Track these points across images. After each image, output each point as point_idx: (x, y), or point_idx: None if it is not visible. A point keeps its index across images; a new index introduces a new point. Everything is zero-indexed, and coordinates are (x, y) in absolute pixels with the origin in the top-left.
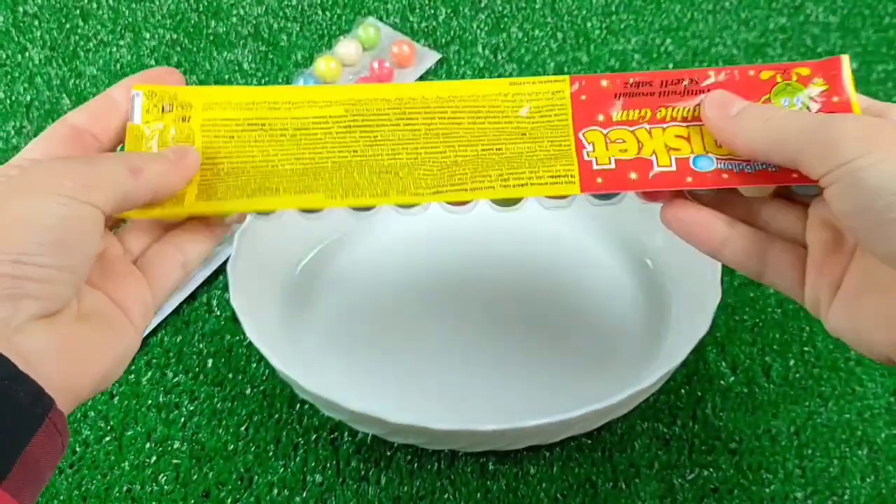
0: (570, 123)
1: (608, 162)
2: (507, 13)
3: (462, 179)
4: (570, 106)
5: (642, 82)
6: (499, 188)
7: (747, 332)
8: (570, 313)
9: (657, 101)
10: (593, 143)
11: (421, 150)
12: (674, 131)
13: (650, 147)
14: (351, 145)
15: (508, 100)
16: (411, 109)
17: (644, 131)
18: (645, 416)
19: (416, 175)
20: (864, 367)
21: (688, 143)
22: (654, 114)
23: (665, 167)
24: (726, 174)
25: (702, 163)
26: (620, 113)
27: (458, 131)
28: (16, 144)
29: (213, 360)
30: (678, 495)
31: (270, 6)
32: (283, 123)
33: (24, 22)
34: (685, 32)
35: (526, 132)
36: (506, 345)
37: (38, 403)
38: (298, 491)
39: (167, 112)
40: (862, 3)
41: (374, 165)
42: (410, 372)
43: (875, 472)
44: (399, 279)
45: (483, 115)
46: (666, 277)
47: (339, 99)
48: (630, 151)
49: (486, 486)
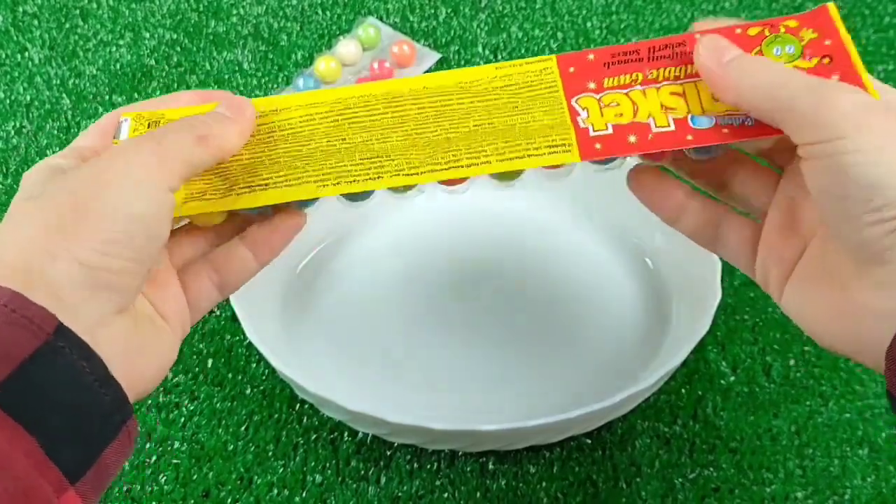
0: (562, 92)
1: (605, 127)
2: (507, 13)
3: (457, 156)
4: (559, 78)
5: (629, 51)
6: (496, 162)
7: (747, 331)
8: (571, 313)
9: (647, 65)
10: (587, 109)
11: (412, 131)
12: (669, 89)
13: (646, 109)
14: (339, 135)
15: (497, 82)
16: (399, 100)
17: (638, 92)
18: (645, 415)
19: (409, 155)
20: (864, 366)
21: (684, 100)
22: (645, 76)
23: (663, 127)
24: (726, 129)
25: (700, 121)
26: (611, 79)
27: (447, 111)
28: (16, 144)
29: (213, 360)
30: (679, 495)
31: (270, 6)
32: (269, 127)
33: (23, 22)
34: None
35: (518, 104)
36: (506, 345)
37: (120, 411)
38: (298, 491)
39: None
40: (862, 3)
41: (365, 150)
42: (410, 372)
43: (876, 472)
44: (399, 279)
45: (472, 96)
46: (666, 277)
47: (326, 100)
48: (626, 115)
49: (486, 486)
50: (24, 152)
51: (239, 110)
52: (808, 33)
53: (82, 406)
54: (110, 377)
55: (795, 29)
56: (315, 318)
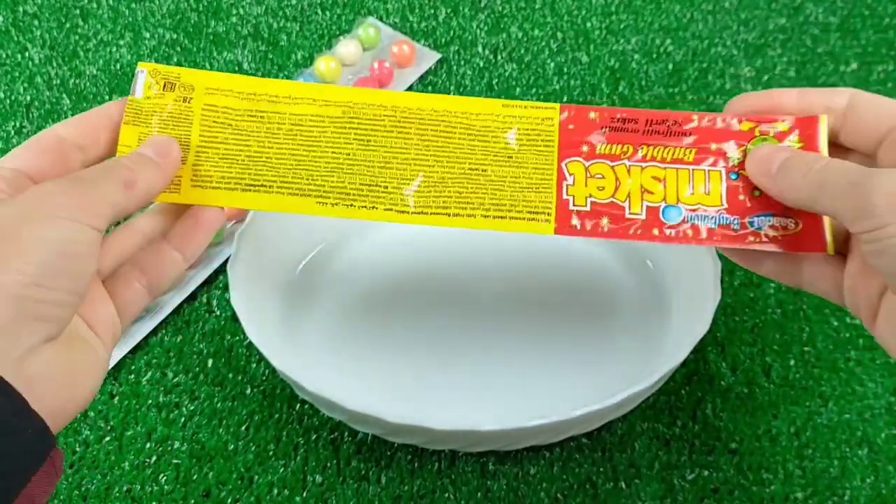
0: (556, 151)
1: (584, 203)
2: (507, 13)
3: (446, 203)
4: (557, 133)
5: (628, 119)
6: (479, 218)
7: (747, 332)
8: (571, 313)
9: (640, 138)
10: (574, 176)
11: (412, 161)
12: (651, 172)
13: (626, 188)
14: (345, 147)
15: (499, 121)
16: (406, 118)
17: (624, 168)
18: (645, 416)
19: (404, 192)
20: (864, 367)
21: (662, 186)
22: (635, 151)
23: (636, 214)
24: (691, 229)
25: (671, 214)
26: (604, 146)
27: (448, 146)
28: (16, 144)
29: (213, 360)
30: (678, 495)
31: (270, 6)
32: (280, 118)
33: (23, 22)
34: (685, 32)
35: (513, 155)
36: (506, 345)
37: (42, 441)
38: (298, 491)
39: (168, 91)
40: (862, 4)
41: (366, 174)
42: (411, 372)
43: (875, 473)
44: (399, 280)
45: (473, 133)
46: (666, 277)
47: (338, 100)
48: (607, 190)
49: (487, 486)
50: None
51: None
52: (795, 142)
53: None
54: (28, 409)
55: (784, 133)
56: (315, 318)
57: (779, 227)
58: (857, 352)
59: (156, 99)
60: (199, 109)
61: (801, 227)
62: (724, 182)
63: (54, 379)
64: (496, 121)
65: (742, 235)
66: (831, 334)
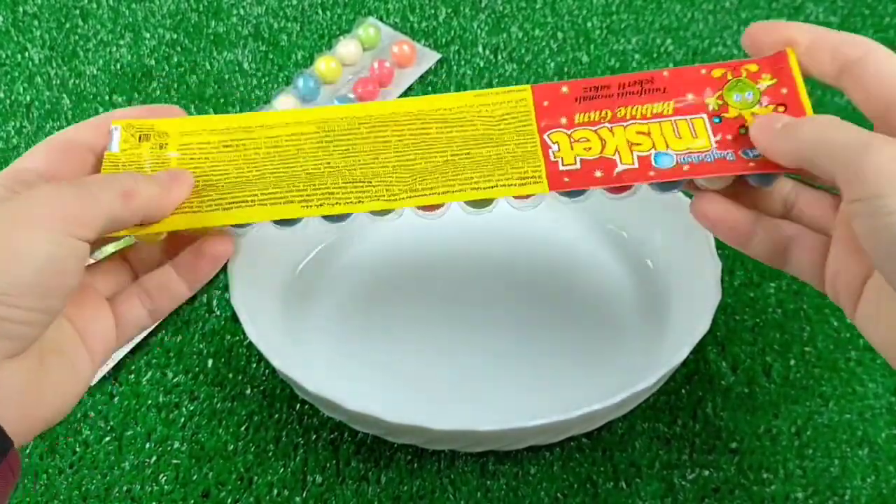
0: (535, 126)
1: (573, 161)
2: (507, 13)
3: (433, 185)
4: (533, 111)
5: (600, 86)
6: (469, 191)
7: (747, 332)
8: (570, 313)
9: (616, 101)
10: (558, 144)
11: (392, 158)
12: (635, 128)
13: (613, 144)
14: (324, 158)
15: (474, 110)
16: (381, 123)
17: (606, 130)
18: (645, 416)
19: (389, 182)
20: (864, 367)
21: (649, 138)
22: (614, 114)
23: (628, 165)
24: (687, 167)
25: (662, 160)
26: (582, 115)
27: (427, 140)
28: (16, 144)
29: (213, 360)
30: (679, 495)
31: (270, 6)
32: (256, 143)
33: (23, 22)
34: (685, 32)
35: (493, 136)
36: (506, 345)
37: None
38: (298, 491)
39: (144, 141)
40: (862, 3)
41: (348, 175)
42: (410, 372)
43: (876, 472)
44: (399, 280)
45: (450, 125)
46: (666, 277)
47: (312, 119)
48: (594, 150)
49: (486, 486)
50: (25, 152)
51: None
52: (767, 79)
53: None
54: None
55: (755, 74)
56: (315, 318)
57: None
58: (858, 352)
59: (131, 150)
60: (175, 150)
61: None
62: (709, 127)
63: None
64: (471, 110)
65: (741, 163)
66: (831, 334)
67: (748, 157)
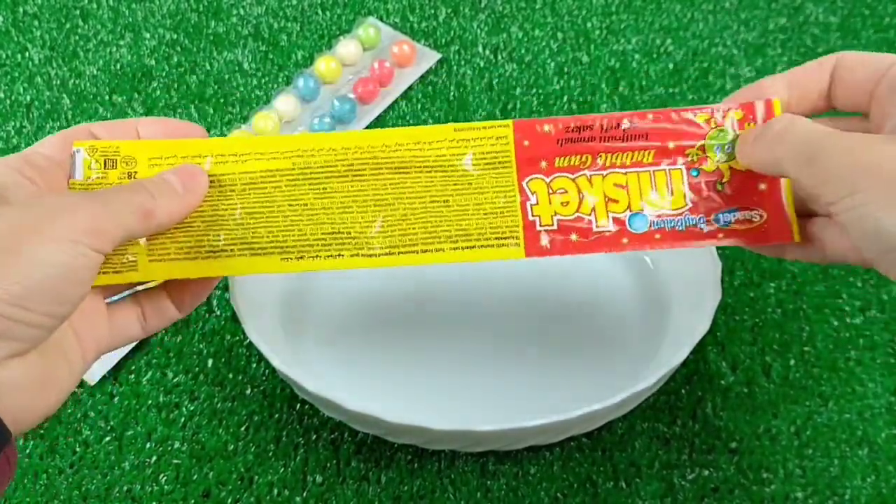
0: (514, 171)
1: (551, 222)
2: (507, 13)
3: (413, 240)
4: (513, 152)
5: (583, 126)
6: (448, 251)
7: (747, 332)
8: (570, 313)
9: (597, 146)
10: (537, 195)
11: (371, 202)
12: (613, 179)
13: (589, 203)
14: (300, 198)
15: (454, 147)
16: (358, 160)
17: (585, 179)
18: (645, 416)
19: (368, 235)
20: (864, 366)
21: (626, 193)
22: (594, 160)
23: (603, 227)
24: (658, 234)
25: (637, 223)
26: (562, 159)
27: (406, 181)
28: (16, 144)
29: (213, 360)
30: (678, 495)
31: (270, 6)
32: (231, 178)
33: (24, 22)
34: (685, 32)
35: (472, 182)
36: (506, 345)
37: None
38: (298, 491)
39: (110, 168)
40: (862, 3)
41: (326, 222)
42: (411, 372)
43: (875, 472)
44: (399, 279)
45: (430, 166)
46: (666, 277)
47: (286, 150)
48: (571, 205)
49: (486, 486)
50: None
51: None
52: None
53: None
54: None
55: (740, 122)
56: (315, 318)
57: (745, 221)
58: (857, 351)
59: (98, 181)
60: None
61: (766, 217)
62: (686, 180)
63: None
64: (451, 147)
65: (711, 233)
66: (831, 334)
67: (719, 224)
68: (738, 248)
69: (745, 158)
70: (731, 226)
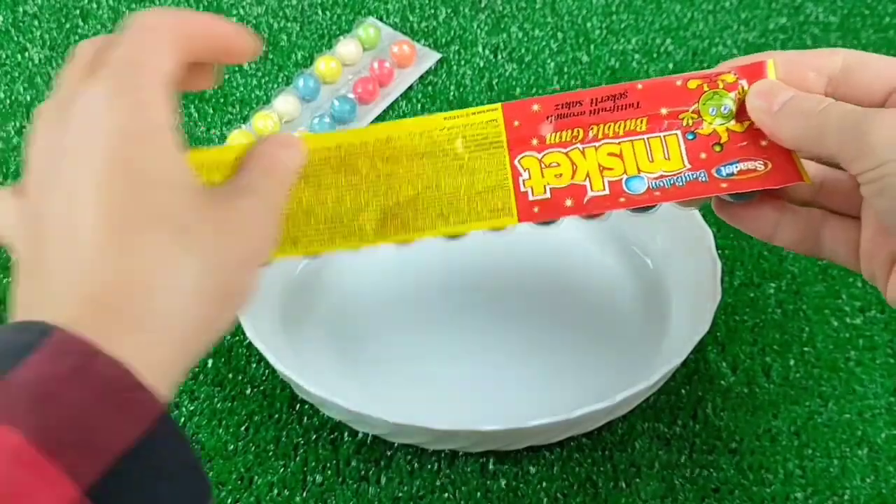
0: (506, 150)
1: (543, 192)
2: (507, 13)
3: (405, 221)
4: (504, 133)
5: (572, 102)
6: (440, 226)
7: (747, 332)
8: (570, 313)
9: (588, 119)
10: (529, 170)
11: (363, 192)
12: (606, 149)
13: (584, 169)
14: (296, 195)
15: (444, 134)
16: (350, 155)
17: (577, 152)
18: (645, 416)
19: (360, 220)
20: (864, 367)
21: (620, 161)
22: (586, 133)
23: (598, 191)
24: (658, 192)
25: (634, 184)
26: (553, 135)
27: (397, 171)
28: (16, 144)
29: (213, 360)
30: (679, 495)
31: (270, 6)
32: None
33: (23, 22)
34: (685, 32)
35: (463, 164)
36: (506, 345)
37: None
38: (298, 491)
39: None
40: (862, 3)
41: (319, 213)
42: (410, 372)
43: (875, 472)
44: (399, 279)
45: (420, 154)
46: (666, 277)
47: None
48: (564, 177)
49: (487, 486)
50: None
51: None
52: (744, 89)
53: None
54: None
55: (732, 84)
56: (315, 318)
57: (747, 171)
58: (857, 352)
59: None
60: None
61: (771, 166)
62: (683, 144)
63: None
64: (441, 135)
65: (713, 183)
66: (831, 334)
67: (721, 175)
68: (739, 248)
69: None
70: (734, 177)
